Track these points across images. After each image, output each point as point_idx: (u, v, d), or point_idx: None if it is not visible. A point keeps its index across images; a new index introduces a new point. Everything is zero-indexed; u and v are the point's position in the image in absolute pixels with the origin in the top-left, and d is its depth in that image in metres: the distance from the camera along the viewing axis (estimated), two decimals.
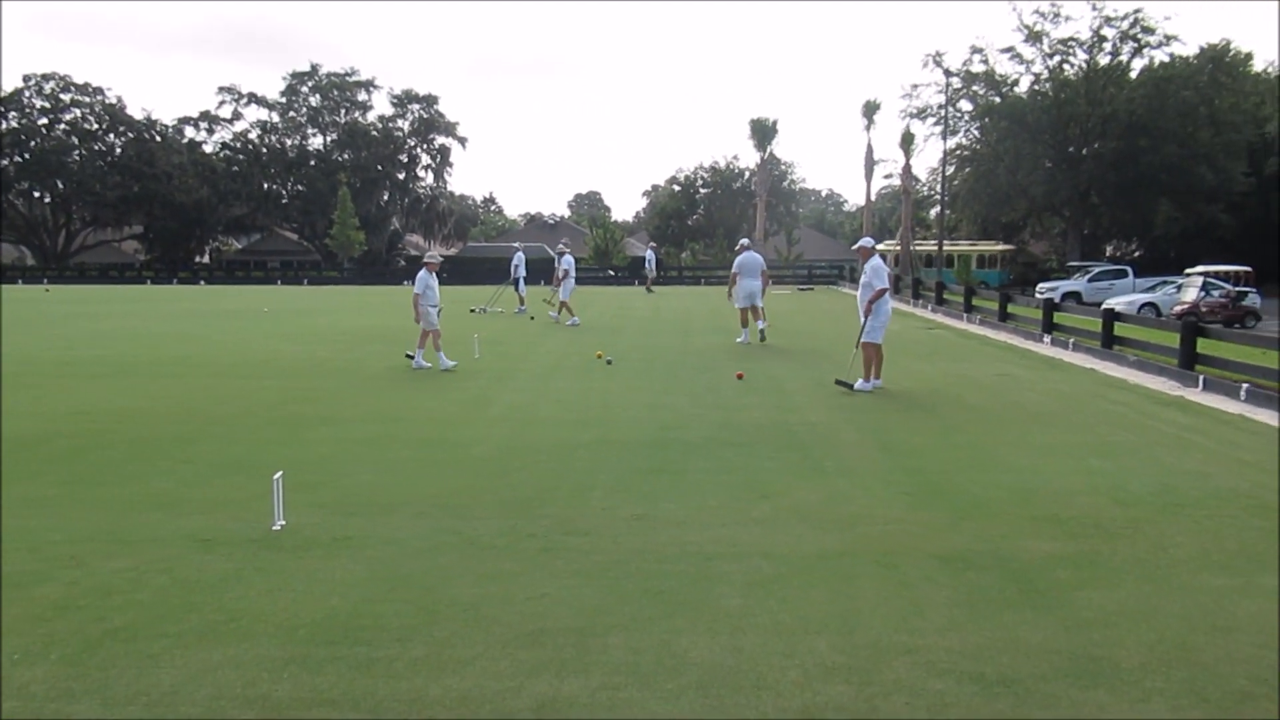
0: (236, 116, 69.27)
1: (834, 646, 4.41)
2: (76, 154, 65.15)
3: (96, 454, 8.47)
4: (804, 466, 7.97)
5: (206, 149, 69.56)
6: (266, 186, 69.07)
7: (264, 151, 68.97)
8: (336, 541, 5.95)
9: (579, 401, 11.32)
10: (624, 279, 48.50)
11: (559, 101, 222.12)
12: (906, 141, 52.25)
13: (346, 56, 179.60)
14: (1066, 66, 49.01)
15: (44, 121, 64.33)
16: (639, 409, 10.77)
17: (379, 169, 69.50)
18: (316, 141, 70.86)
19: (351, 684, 4.06)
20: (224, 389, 12.26)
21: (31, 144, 62.55)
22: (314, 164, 68.99)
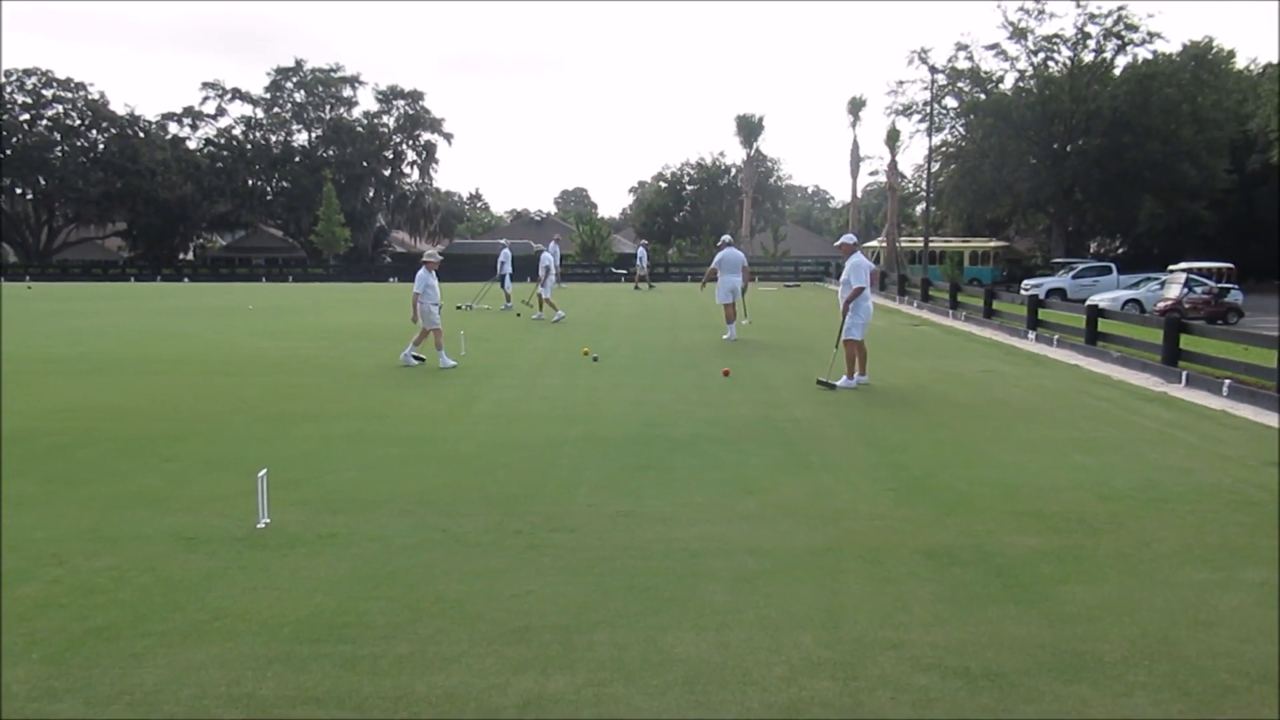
0: (220, 112, 69.02)
1: (819, 642, 4.43)
2: (59, 150, 64.66)
3: (79, 452, 8.42)
4: (790, 463, 7.99)
5: (190, 145, 69.18)
6: (251, 183, 68.70)
7: (248, 147, 68.64)
8: (321, 539, 5.93)
9: (565, 398, 11.31)
10: (628, 277, 47.95)
11: (545, 98, 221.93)
12: (892, 138, 52.38)
13: (331, 52, 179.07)
14: (1051, 63, 49.22)
15: (25, 118, 63.80)
16: (626, 405, 10.77)
17: (364, 165, 69.26)
18: (301, 137, 70.59)
19: (336, 682, 4.05)
20: (208, 386, 12.20)
21: (13, 140, 62.02)
22: (299, 160, 68.68)
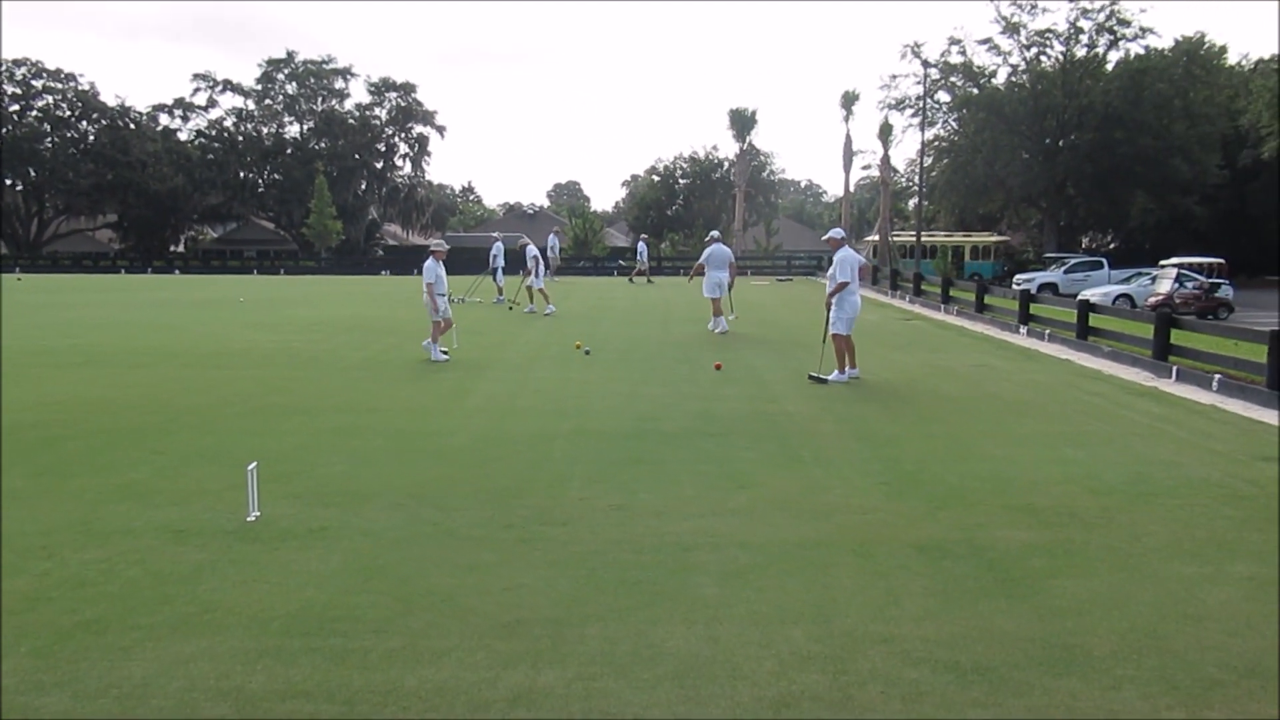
0: (212, 104, 68.50)
1: (810, 636, 4.43)
2: (49, 141, 64.21)
3: (69, 444, 8.38)
4: (781, 457, 7.99)
5: (181, 136, 68.69)
6: (242, 175, 68.29)
7: (240, 139, 68.22)
8: (311, 532, 5.92)
9: (557, 392, 11.29)
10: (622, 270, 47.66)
11: (538, 91, 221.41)
12: (885, 132, 52.36)
13: (323, 44, 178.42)
14: (1043, 58, 49.18)
15: (15, 108, 63.40)
16: (617, 399, 10.76)
17: (356, 158, 68.94)
18: (293, 129, 70.15)
19: (326, 676, 4.04)
20: (198, 379, 12.16)
21: (3, 131, 61.61)
22: (290, 152, 68.32)
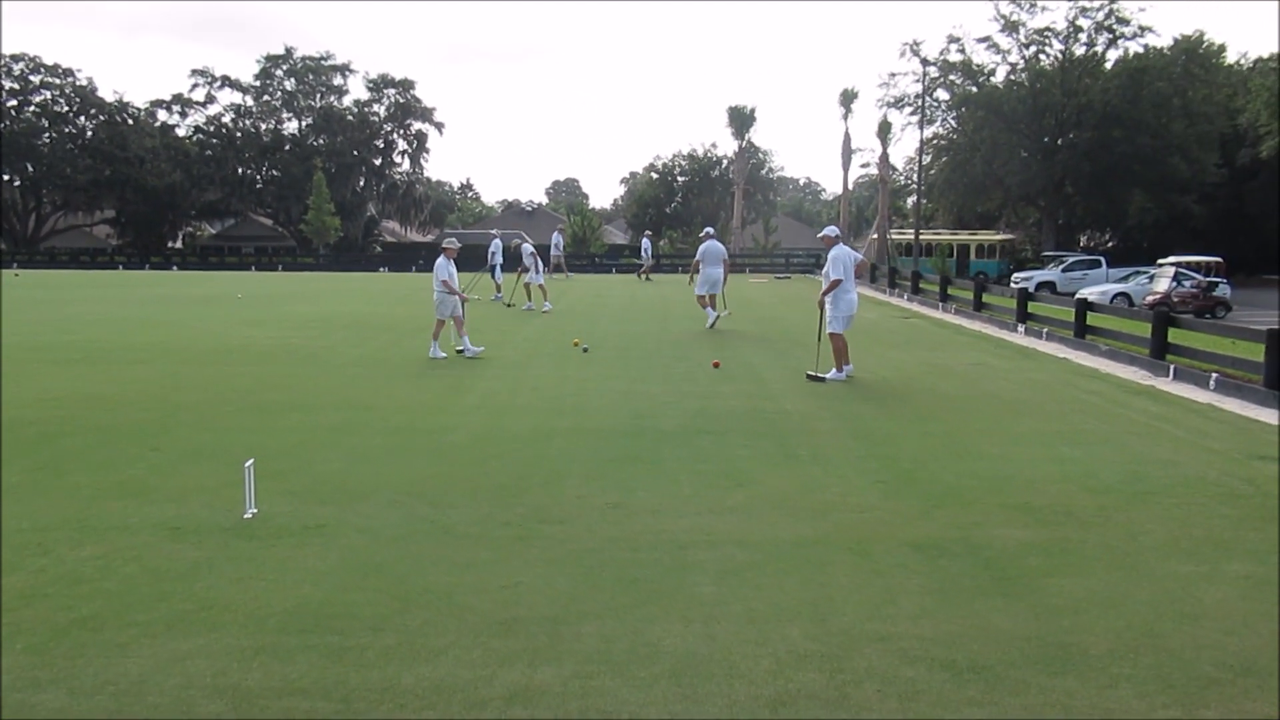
0: (210, 100, 68.39)
1: (807, 634, 4.43)
2: (47, 136, 64.13)
3: (65, 441, 8.37)
4: (779, 455, 7.99)
5: (179, 132, 68.60)
6: (241, 171, 68.23)
7: (238, 135, 68.11)
8: (308, 530, 5.92)
9: (555, 389, 11.29)
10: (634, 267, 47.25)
11: (537, 88, 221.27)
12: (884, 131, 52.34)
13: (321, 40, 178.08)
14: (1042, 57, 49.18)
15: (13, 103, 63.27)
16: (615, 397, 10.76)
17: (354, 154, 68.87)
18: (291, 126, 70.03)
19: (323, 673, 4.04)
20: (195, 375, 12.15)
21: (0, 126, 61.54)
22: (289, 148, 68.20)
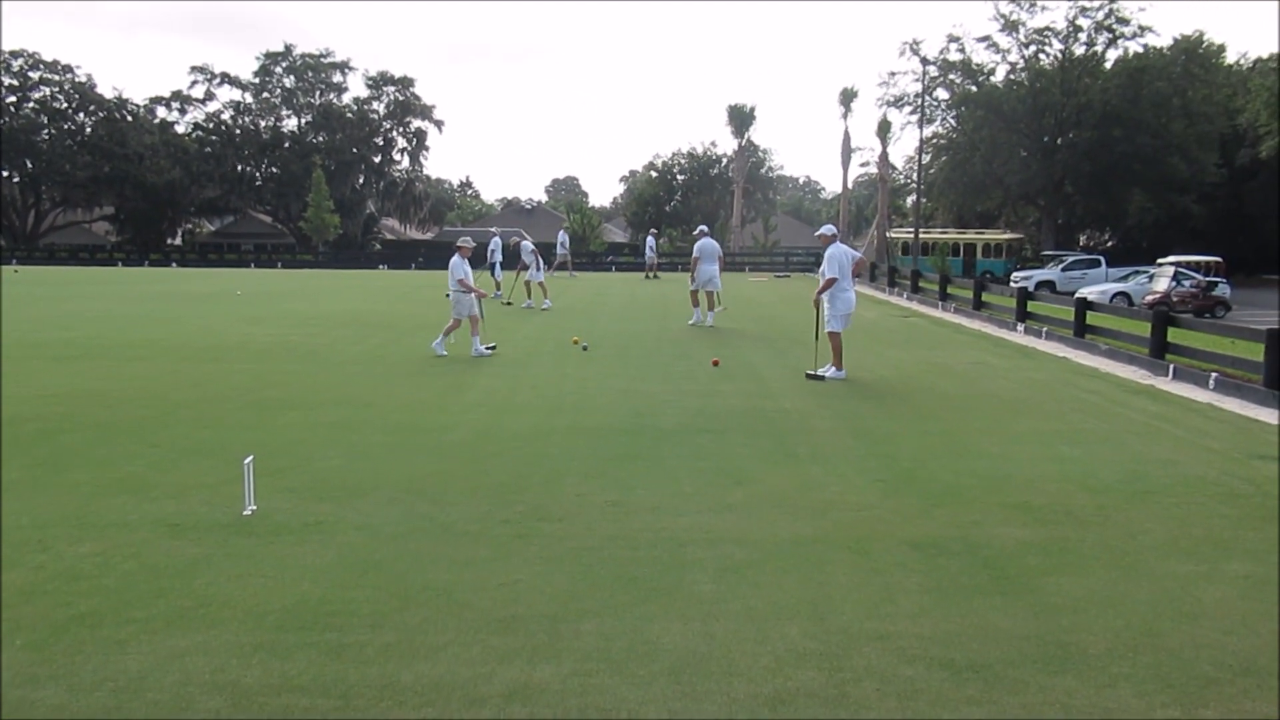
0: (209, 97, 68.42)
1: (805, 633, 4.43)
2: (46, 133, 64.11)
3: (64, 437, 8.36)
4: (778, 453, 7.99)
5: (179, 129, 68.58)
6: (240, 168, 68.20)
7: (237, 132, 68.10)
8: (307, 527, 5.91)
9: (554, 387, 11.29)
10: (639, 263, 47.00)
11: (537, 85, 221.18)
12: (883, 130, 52.37)
13: (321, 38, 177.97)
14: (1042, 56, 49.19)
15: (12, 100, 63.22)
16: (614, 395, 10.76)
17: (354, 151, 68.85)
18: (291, 123, 70.05)
19: (322, 670, 4.04)
20: (194, 372, 12.14)
21: (0, 123, 61.51)
22: (288, 146, 68.19)
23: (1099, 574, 5.23)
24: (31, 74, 63.67)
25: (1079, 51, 48.12)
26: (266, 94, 68.91)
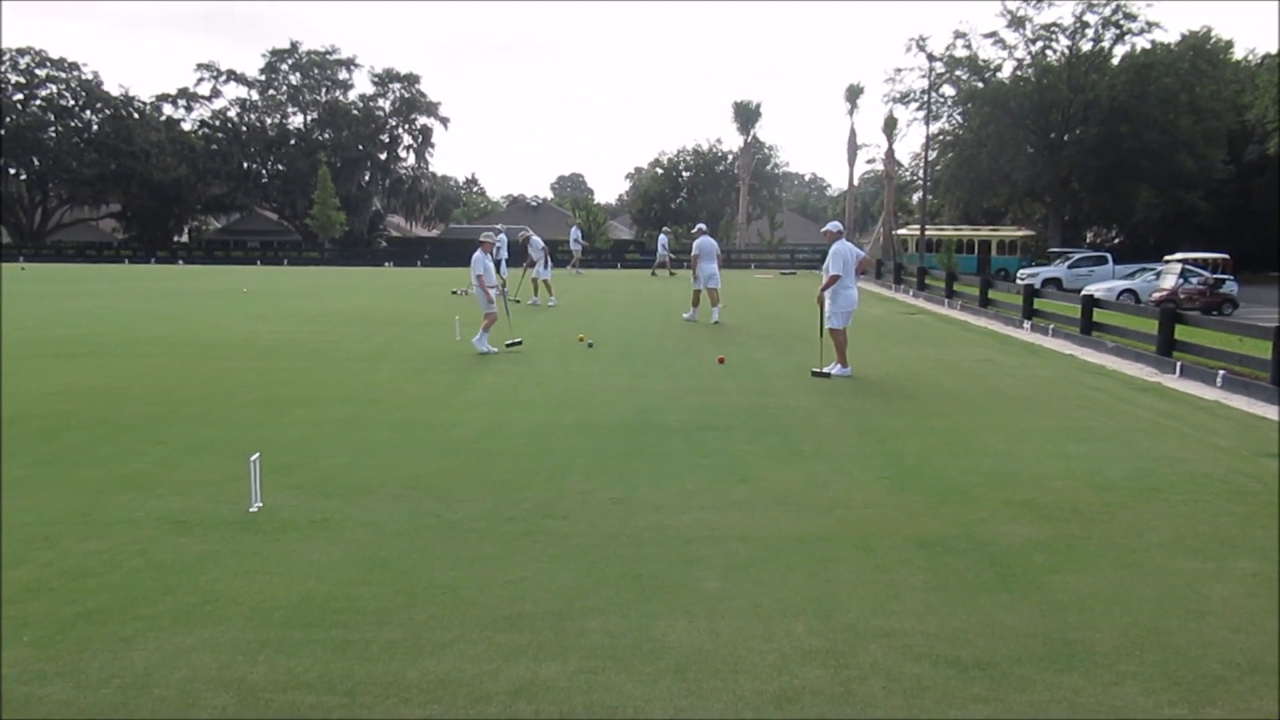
0: (215, 94, 68.43)
1: (811, 630, 4.43)
2: (52, 130, 64.26)
3: (70, 434, 8.39)
4: (783, 450, 7.98)
5: (185, 127, 68.63)
6: (246, 165, 68.22)
7: (243, 130, 68.16)
8: (313, 524, 5.92)
9: (559, 384, 11.29)
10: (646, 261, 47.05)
11: (542, 83, 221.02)
12: (889, 126, 52.34)
13: (326, 35, 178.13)
14: (1049, 52, 48.99)
15: (19, 98, 63.38)
16: (619, 392, 10.76)
17: (360, 149, 68.86)
18: (297, 120, 70.06)
19: (328, 667, 4.04)
20: (200, 370, 12.16)
21: (7, 120, 61.62)
22: (294, 143, 68.25)
23: (1106, 571, 5.22)
24: (38, 71, 63.79)
25: (1086, 48, 47.94)
26: (272, 91, 68.93)
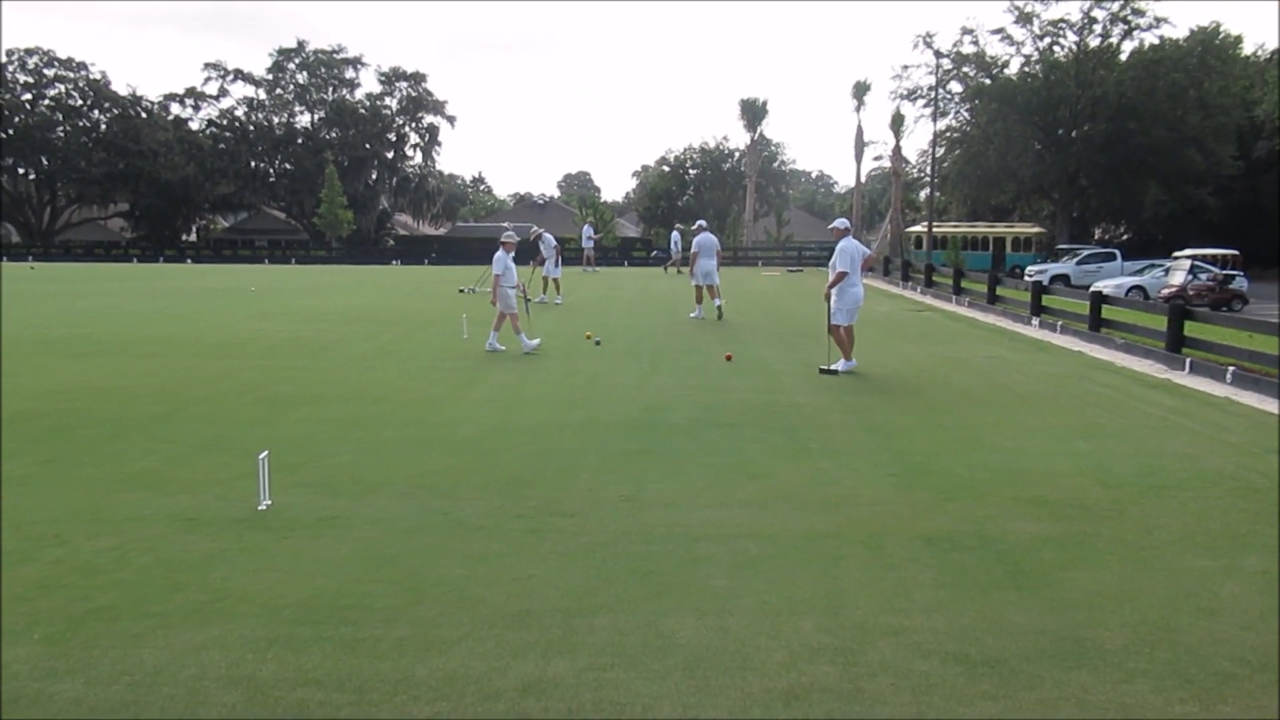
0: (223, 93, 68.54)
1: (820, 627, 4.42)
2: (61, 130, 64.53)
3: (79, 433, 8.41)
4: (791, 448, 7.97)
5: (193, 126, 68.81)
6: (254, 164, 68.39)
7: (251, 129, 68.30)
8: (322, 521, 5.93)
9: (566, 382, 11.29)
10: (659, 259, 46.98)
11: (548, 81, 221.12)
12: (896, 123, 52.21)
13: (333, 34, 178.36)
14: (1056, 48, 48.84)
15: (27, 97, 63.61)
16: (626, 390, 10.75)
17: (367, 147, 68.95)
18: (304, 119, 70.17)
19: (336, 664, 4.05)
20: (208, 368, 12.19)
21: (15, 120, 61.86)
22: (301, 142, 68.36)
23: (1115, 569, 5.20)
24: (46, 71, 64.04)
25: (1094, 43, 47.77)
26: (280, 90, 69.05)
